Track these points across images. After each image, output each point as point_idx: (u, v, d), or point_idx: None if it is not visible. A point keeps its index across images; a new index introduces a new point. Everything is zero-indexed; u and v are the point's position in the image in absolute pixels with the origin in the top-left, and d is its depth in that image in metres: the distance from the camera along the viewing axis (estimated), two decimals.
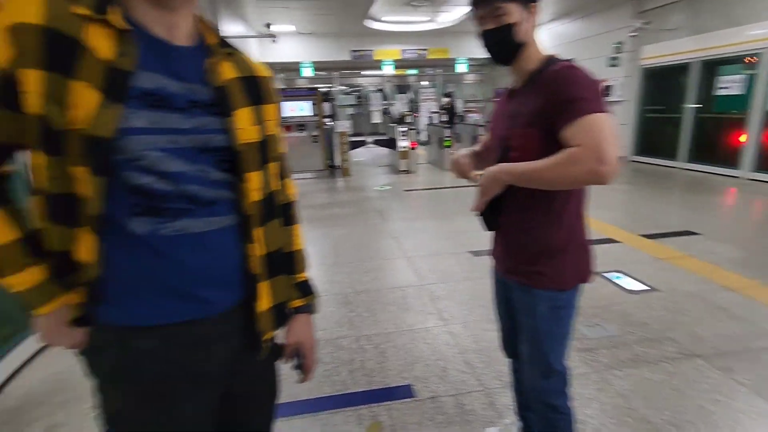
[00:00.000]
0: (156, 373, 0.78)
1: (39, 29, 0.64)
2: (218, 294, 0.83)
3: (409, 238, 4.47)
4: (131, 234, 0.73)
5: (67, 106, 0.66)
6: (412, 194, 6.97)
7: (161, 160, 0.73)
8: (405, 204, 6.34)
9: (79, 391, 2.14)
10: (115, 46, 0.69)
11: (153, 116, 0.72)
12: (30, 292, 0.75)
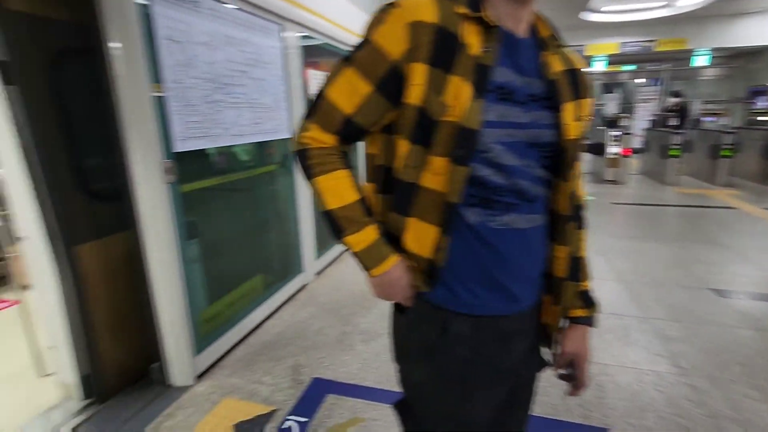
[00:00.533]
0: (463, 359, 0.81)
1: (433, 27, 0.71)
2: (526, 291, 0.84)
3: (621, 259, 3.87)
4: (465, 223, 0.77)
5: (445, 98, 0.71)
6: (622, 208, 6.04)
7: (501, 153, 0.74)
8: (613, 218, 5.53)
9: (315, 341, 2.56)
10: (482, 42, 0.73)
11: (501, 110, 0.74)
12: (367, 251, 0.81)
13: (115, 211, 1.99)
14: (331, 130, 0.79)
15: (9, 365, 2.40)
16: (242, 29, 2.42)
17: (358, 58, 0.76)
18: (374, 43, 0.73)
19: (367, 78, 0.75)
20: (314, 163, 0.80)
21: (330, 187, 0.79)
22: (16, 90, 1.69)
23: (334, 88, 0.78)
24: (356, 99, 0.76)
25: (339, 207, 0.79)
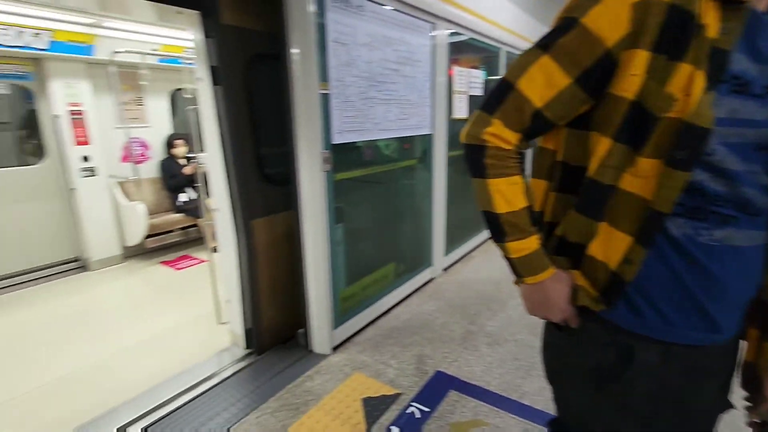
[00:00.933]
0: (648, 392, 0.71)
1: (665, 6, 0.60)
2: (731, 321, 0.70)
3: None
4: (667, 234, 0.66)
5: (672, 90, 0.60)
6: None
7: (725, 156, 0.62)
8: None
9: (440, 334, 2.59)
10: (719, 20, 0.60)
11: (733, 104, 0.61)
12: (525, 259, 0.77)
13: (281, 194, 2.31)
14: (516, 127, 0.73)
15: (198, 309, 3.01)
16: (398, 29, 2.55)
17: (559, 45, 0.67)
18: (584, 27, 0.64)
19: (569, 68, 0.67)
20: (491, 163, 0.74)
21: (502, 191, 0.75)
22: (220, 90, 2.08)
23: (526, 78, 0.70)
24: (550, 91, 0.69)
25: (508, 212, 0.75)
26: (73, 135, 3.64)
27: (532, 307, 0.82)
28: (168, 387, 2.15)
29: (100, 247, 3.93)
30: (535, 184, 0.83)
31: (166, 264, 4.07)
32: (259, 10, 2.12)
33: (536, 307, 0.81)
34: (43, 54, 3.35)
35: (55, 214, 3.81)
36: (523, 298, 0.83)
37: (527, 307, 0.83)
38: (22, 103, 3.75)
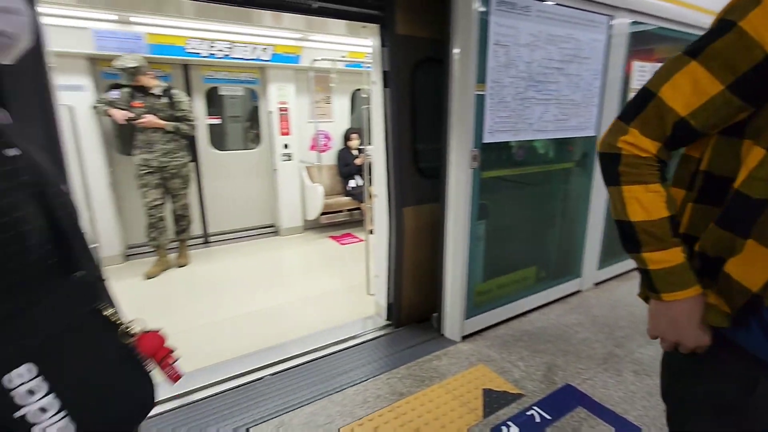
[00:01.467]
0: (764, 422, 0.66)
1: None
2: None
3: None
4: None
5: None
6: None
7: None
8: None
9: (577, 349, 2.45)
10: None
11: None
12: (666, 272, 0.72)
13: (431, 186, 2.52)
14: (654, 135, 0.71)
15: (352, 280, 3.52)
16: (567, 26, 2.45)
17: (710, 50, 0.64)
18: (742, 30, 0.61)
19: (721, 74, 0.63)
20: (625, 171, 0.73)
21: (637, 198, 0.72)
22: (389, 92, 2.39)
23: (669, 85, 0.68)
24: (697, 99, 0.66)
25: (644, 221, 0.72)
26: (279, 127, 4.60)
27: (662, 328, 0.76)
28: (324, 336, 2.62)
29: (288, 218, 4.89)
30: (672, 193, 0.78)
31: (333, 239, 4.81)
32: (428, 20, 2.34)
33: (666, 329, 0.75)
34: (266, 64, 4.33)
35: (263, 188, 4.90)
36: (651, 316, 0.78)
37: (653, 326, 0.78)
38: (249, 102, 4.91)
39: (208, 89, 4.46)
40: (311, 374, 2.25)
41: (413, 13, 2.31)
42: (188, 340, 2.55)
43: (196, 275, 3.79)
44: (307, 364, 2.34)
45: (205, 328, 2.81)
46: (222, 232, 4.74)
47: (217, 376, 2.21)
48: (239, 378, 2.21)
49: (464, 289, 2.49)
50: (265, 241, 4.77)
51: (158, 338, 0.67)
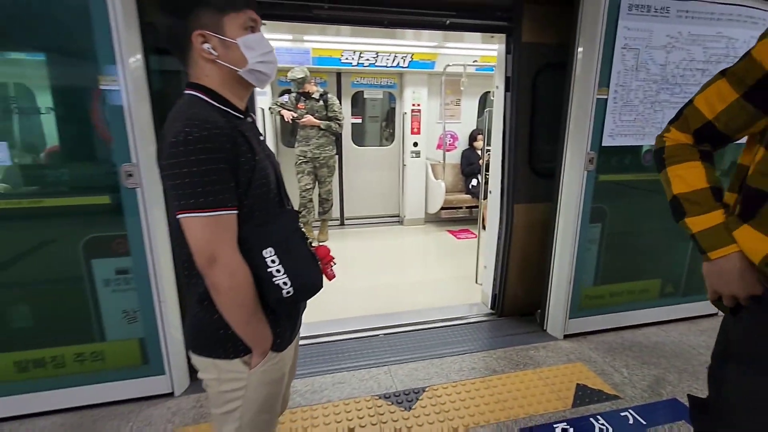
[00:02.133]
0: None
1: None
2: None
3: None
4: None
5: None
6: None
7: None
8: None
9: (697, 371, 2.29)
10: None
11: None
12: (707, 232, 0.85)
13: (544, 186, 2.63)
14: (686, 130, 0.90)
15: (464, 271, 3.77)
16: (717, 25, 2.28)
17: (733, 70, 0.84)
18: (751, 56, 0.81)
19: (736, 86, 0.82)
20: (669, 155, 0.92)
21: (679, 175, 0.89)
22: (511, 96, 2.58)
23: (702, 95, 0.89)
24: (720, 105, 0.85)
25: (685, 192, 0.87)
26: (411, 127, 5.07)
27: (716, 284, 0.87)
28: (432, 313, 2.96)
29: (412, 210, 5.35)
30: (727, 197, 0.91)
31: (451, 233, 5.09)
32: (553, 27, 2.46)
33: (719, 284, 0.86)
34: (404, 70, 4.83)
35: (392, 181, 5.46)
36: (707, 277, 0.89)
37: (710, 286, 0.89)
38: (387, 104, 5.50)
39: (354, 93, 5.17)
40: (417, 340, 2.61)
41: (539, 22, 2.46)
42: (323, 299, 3.15)
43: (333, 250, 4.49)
44: (415, 332, 2.71)
45: (337, 292, 3.40)
46: (355, 216, 5.45)
47: (342, 328, 2.73)
48: (359, 332, 2.69)
49: (570, 289, 2.54)
50: (389, 229, 5.32)
51: (327, 249, 1.10)
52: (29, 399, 1.93)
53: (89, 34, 1.66)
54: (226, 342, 0.96)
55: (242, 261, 0.90)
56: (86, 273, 1.93)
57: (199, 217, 0.84)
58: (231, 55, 0.92)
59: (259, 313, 0.95)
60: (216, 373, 0.99)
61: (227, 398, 1.01)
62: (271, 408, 1.06)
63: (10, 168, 1.76)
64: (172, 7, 0.90)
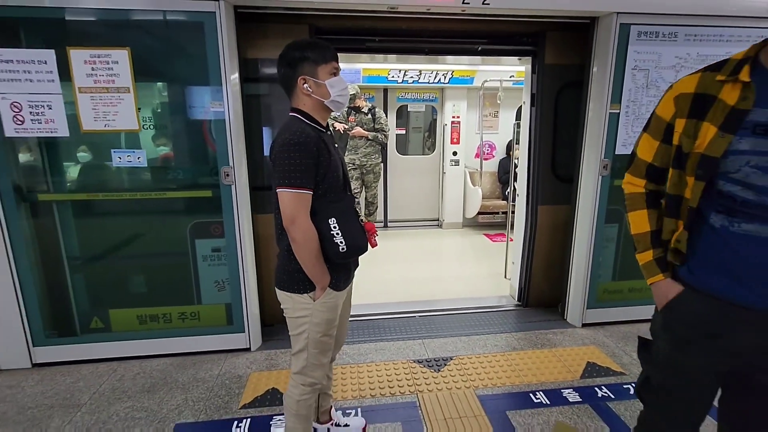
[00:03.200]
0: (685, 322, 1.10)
1: (691, 96, 1.05)
2: (757, 291, 0.99)
3: None
4: (710, 225, 1.05)
5: (694, 137, 1.03)
6: None
7: (751, 175, 0.96)
8: None
9: None
10: (740, 93, 0.98)
11: (755, 142, 0.95)
12: (645, 266, 1.19)
13: (565, 189, 2.95)
14: (639, 174, 1.21)
15: (495, 268, 4.12)
16: (725, 45, 2.54)
17: (649, 127, 1.17)
18: (656, 115, 1.13)
19: (656, 136, 1.14)
20: (627, 203, 1.25)
21: (632, 220, 1.23)
22: (536, 110, 2.95)
23: (639, 149, 1.20)
24: (651, 151, 1.16)
25: (635, 233, 1.22)
26: (451, 137, 5.48)
27: (654, 295, 1.20)
28: (463, 302, 3.34)
29: (450, 215, 5.73)
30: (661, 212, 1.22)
31: (487, 236, 5.42)
32: (572, 50, 2.81)
33: (655, 296, 1.20)
34: (445, 85, 5.27)
35: (432, 188, 5.88)
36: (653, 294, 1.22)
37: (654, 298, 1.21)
38: (429, 116, 5.95)
39: (399, 106, 5.67)
40: (449, 322, 3.00)
41: (560, 46, 2.82)
42: (370, 285, 3.63)
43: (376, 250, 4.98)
44: (447, 315, 3.11)
45: (381, 282, 3.87)
46: (398, 219, 5.91)
47: (384, 310, 3.19)
48: (399, 314, 3.13)
49: (587, 283, 2.84)
50: (429, 231, 5.73)
51: (372, 225, 1.56)
52: (147, 344, 2.55)
53: (206, 70, 2.26)
54: (299, 281, 1.44)
55: (311, 224, 1.37)
56: (191, 250, 2.53)
57: (288, 192, 1.33)
58: (320, 91, 1.42)
59: (321, 260, 1.42)
60: (291, 303, 1.48)
61: (298, 323, 1.49)
62: (328, 333, 1.53)
63: (145, 169, 2.40)
64: (286, 62, 1.41)
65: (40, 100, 2.16)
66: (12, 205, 2.26)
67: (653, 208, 1.20)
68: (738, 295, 1.01)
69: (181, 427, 1.97)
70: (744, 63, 0.99)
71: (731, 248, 1.01)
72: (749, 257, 0.99)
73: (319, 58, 1.41)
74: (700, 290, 1.07)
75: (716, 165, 0.99)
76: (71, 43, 2.14)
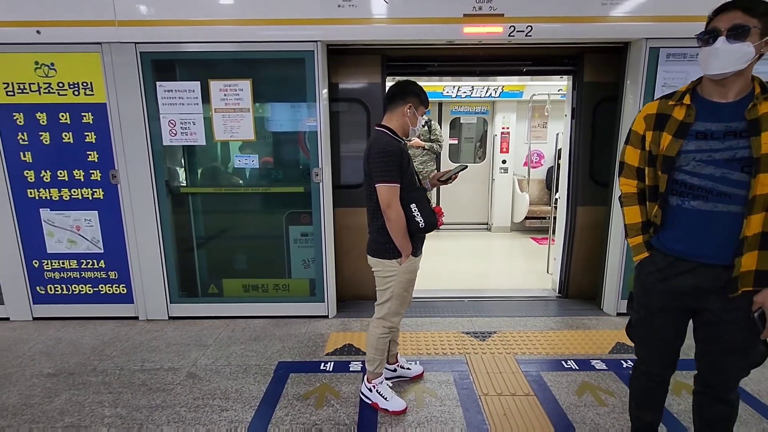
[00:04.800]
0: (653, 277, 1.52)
1: (654, 115, 1.47)
2: (709, 251, 1.40)
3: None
4: (670, 204, 1.47)
5: (659, 144, 1.45)
6: None
7: (697, 166, 1.39)
8: None
9: None
10: (686, 112, 1.40)
11: (697, 143, 1.38)
12: (634, 247, 1.58)
13: (601, 192, 3.31)
14: (631, 176, 1.59)
15: (540, 266, 4.48)
16: None
17: (630, 141, 1.55)
18: (633, 130, 1.53)
19: (636, 145, 1.54)
20: (624, 200, 1.63)
21: (626, 213, 1.61)
22: (576, 122, 3.35)
23: (626, 156, 1.58)
24: (636, 157, 1.55)
25: (628, 223, 1.62)
26: (500, 147, 5.90)
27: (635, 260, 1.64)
28: (509, 292, 3.77)
29: (499, 219, 6.12)
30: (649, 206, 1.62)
31: (534, 239, 5.74)
32: (608, 69, 3.19)
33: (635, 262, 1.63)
34: (496, 99, 5.72)
35: (483, 193, 6.31)
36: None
37: None
38: (480, 127, 6.40)
39: (453, 119, 6.19)
40: (494, 306, 3.45)
41: (597, 66, 3.22)
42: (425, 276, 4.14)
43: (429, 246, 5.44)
44: (493, 301, 3.56)
45: (436, 273, 4.38)
46: (450, 223, 6.39)
47: (438, 294, 3.69)
48: (450, 298, 3.62)
49: (622, 275, 3.17)
50: (479, 234, 6.15)
51: (440, 208, 2.08)
52: (249, 307, 3.25)
53: (304, 94, 2.94)
54: (389, 251, 2.01)
55: (400, 207, 1.94)
56: (285, 234, 3.21)
57: (385, 186, 1.90)
58: (413, 120, 2.02)
59: (407, 234, 1.97)
60: (382, 267, 2.04)
61: (386, 281, 2.05)
62: (408, 289, 2.08)
63: (254, 169, 3.12)
64: (403, 90, 2.00)
65: (188, 118, 2.94)
66: (163, 195, 3.06)
67: (642, 204, 1.58)
68: (681, 251, 1.44)
69: (283, 364, 2.61)
70: (686, 93, 1.43)
71: (681, 219, 1.43)
72: (691, 224, 1.41)
73: (424, 103, 2.06)
74: (660, 250, 1.50)
75: (673, 161, 1.42)
76: (211, 76, 2.91)
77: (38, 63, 2.86)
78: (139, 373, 2.52)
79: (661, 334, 1.56)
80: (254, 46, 2.86)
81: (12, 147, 2.95)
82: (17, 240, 3.09)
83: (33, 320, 3.23)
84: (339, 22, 2.81)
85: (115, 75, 2.85)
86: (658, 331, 1.56)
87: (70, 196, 3.03)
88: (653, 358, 1.61)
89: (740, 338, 1.42)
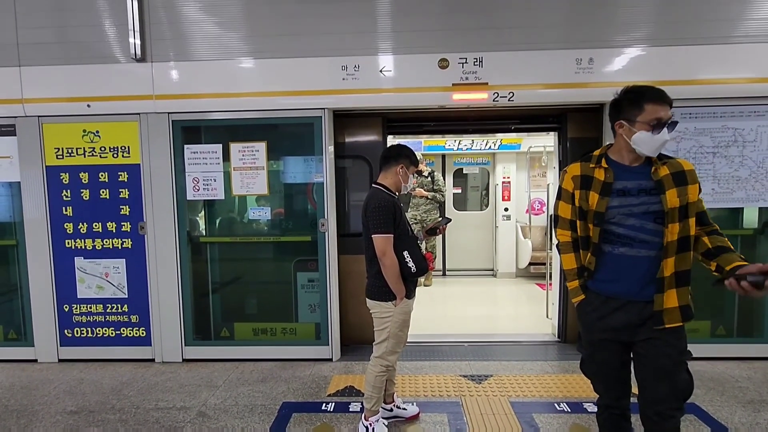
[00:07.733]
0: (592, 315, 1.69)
1: (579, 176, 1.68)
2: (635, 289, 1.59)
3: None
4: (602, 250, 1.66)
5: (588, 201, 1.67)
6: None
7: (622, 218, 1.60)
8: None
9: (725, 389, 2.79)
10: (605, 174, 1.63)
11: (621, 200, 1.60)
12: (572, 291, 1.77)
13: None
14: (566, 228, 1.79)
15: (540, 310, 4.57)
16: (720, 120, 3.08)
17: (561, 198, 1.77)
18: (563, 188, 1.74)
19: (567, 201, 1.75)
20: (561, 248, 1.83)
21: (565, 260, 1.81)
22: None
23: (560, 211, 1.78)
24: (569, 212, 1.75)
25: (566, 268, 1.82)
26: (502, 195, 6.17)
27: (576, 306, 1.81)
28: (509, 336, 3.86)
29: (504, 265, 6.26)
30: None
31: (538, 285, 5.84)
32: (590, 126, 3.49)
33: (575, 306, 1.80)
34: (496, 151, 6.07)
35: (487, 240, 6.50)
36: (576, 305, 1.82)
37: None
38: (485, 177, 6.72)
39: (456, 169, 6.54)
40: (493, 350, 3.55)
41: (579, 123, 3.52)
42: (426, 320, 4.28)
43: (435, 292, 5.66)
44: (492, 345, 3.66)
45: (437, 318, 4.51)
46: (455, 269, 6.55)
47: (439, 339, 3.81)
48: (450, 343, 3.74)
49: None
50: (485, 280, 6.28)
51: (430, 254, 2.37)
52: (258, 349, 3.43)
53: (313, 152, 3.31)
54: (385, 293, 2.23)
55: (394, 255, 2.18)
56: (293, 280, 3.46)
57: (380, 236, 2.16)
58: (405, 178, 2.32)
59: (400, 279, 2.20)
60: (379, 308, 2.26)
61: (383, 322, 2.25)
62: (403, 329, 2.28)
63: (267, 220, 3.43)
64: (396, 153, 2.31)
65: (210, 176, 3.32)
66: (184, 245, 3.37)
67: (576, 251, 1.77)
68: (613, 291, 1.63)
69: (287, 404, 2.75)
70: (601, 157, 1.68)
71: (611, 263, 1.63)
72: (620, 267, 1.61)
73: (414, 163, 2.36)
74: (596, 292, 1.68)
75: (603, 216, 1.63)
76: (232, 139, 3.31)
77: (85, 131, 3.32)
78: (153, 411, 2.70)
79: (607, 366, 1.71)
80: (270, 113, 3.28)
81: (56, 203, 3.35)
82: (52, 286, 3.41)
83: (59, 362, 3.47)
84: (344, 92, 3.22)
85: (150, 140, 3.29)
86: (604, 364, 1.72)
87: (102, 246, 3.38)
88: (608, 390, 1.76)
89: (668, 363, 1.58)
